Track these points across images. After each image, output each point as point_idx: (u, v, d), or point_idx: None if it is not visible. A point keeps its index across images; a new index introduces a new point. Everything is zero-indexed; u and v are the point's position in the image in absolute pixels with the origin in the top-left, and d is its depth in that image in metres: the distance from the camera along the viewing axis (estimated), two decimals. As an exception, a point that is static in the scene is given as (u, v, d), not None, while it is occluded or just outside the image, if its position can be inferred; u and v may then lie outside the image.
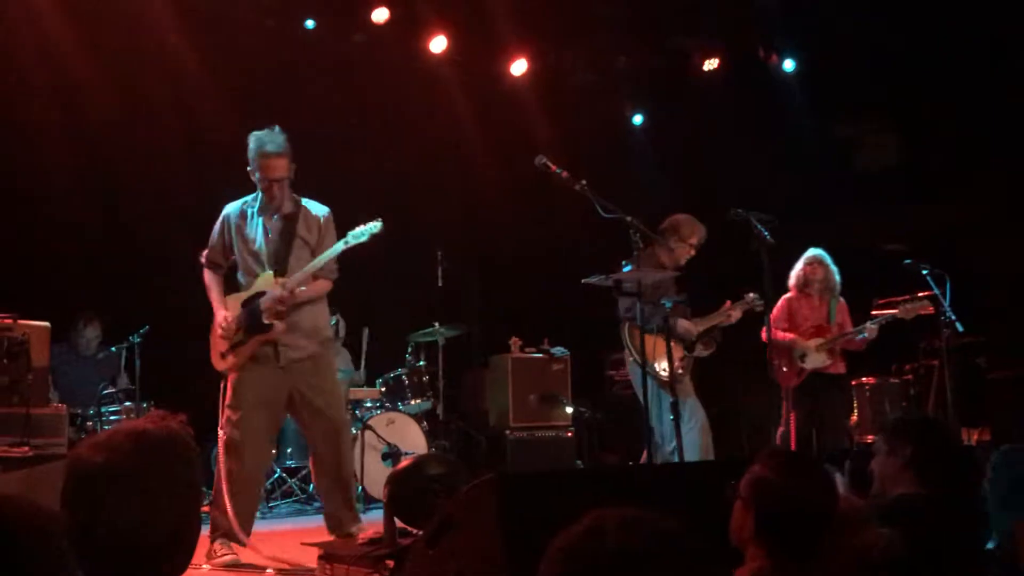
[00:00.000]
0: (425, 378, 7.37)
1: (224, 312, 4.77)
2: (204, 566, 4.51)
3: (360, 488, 6.66)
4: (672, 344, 5.71)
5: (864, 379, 7.65)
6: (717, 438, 6.04)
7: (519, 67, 8.82)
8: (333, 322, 7.42)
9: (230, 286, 4.96)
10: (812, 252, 6.50)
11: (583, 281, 5.02)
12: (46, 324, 5.74)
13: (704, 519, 2.45)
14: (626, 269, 5.14)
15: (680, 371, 5.75)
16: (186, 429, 1.68)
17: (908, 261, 6.42)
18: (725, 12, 8.55)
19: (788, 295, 6.53)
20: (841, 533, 2.11)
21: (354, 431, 7.03)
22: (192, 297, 7.36)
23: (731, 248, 5.94)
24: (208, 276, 4.89)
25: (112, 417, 6.23)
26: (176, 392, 6.26)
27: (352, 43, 8.28)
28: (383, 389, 7.34)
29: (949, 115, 8.26)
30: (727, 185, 8.39)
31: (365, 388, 7.49)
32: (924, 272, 6.36)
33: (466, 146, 8.87)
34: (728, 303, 6.02)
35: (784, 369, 6.35)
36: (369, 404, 7.26)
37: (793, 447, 6.13)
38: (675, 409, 5.02)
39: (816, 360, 6.29)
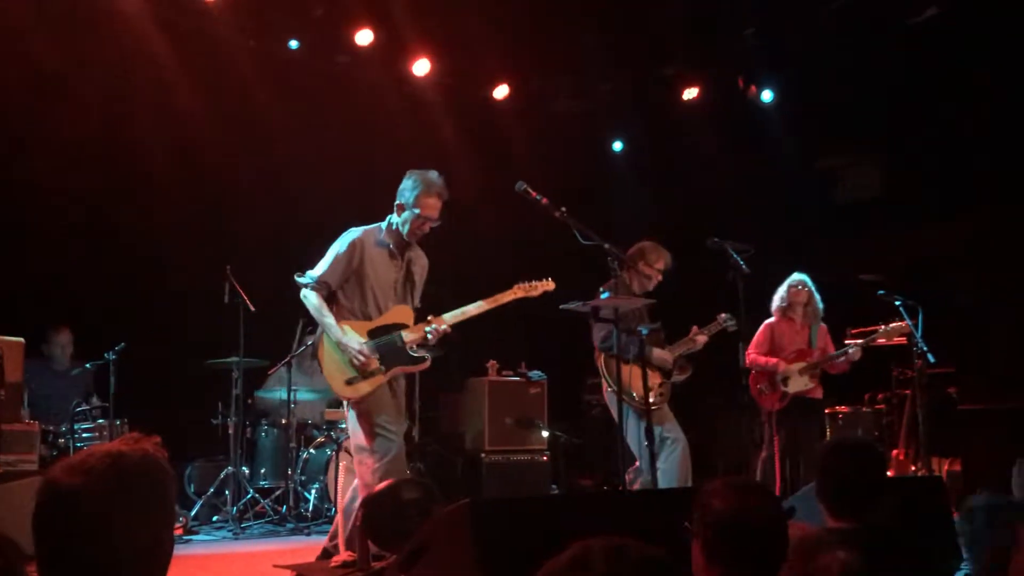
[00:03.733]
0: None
1: (358, 341, 4.76)
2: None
3: (334, 510, 6.63)
4: (650, 372, 5.76)
5: (838, 408, 7.73)
6: (693, 465, 6.06)
7: (501, 92, 8.88)
8: (310, 343, 7.42)
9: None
10: (797, 276, 6.56)
11: (561, 307, 5.05)
12: (20, 340, 5.69)
13: (675, 547, 2.47)
14: (604, 296, 5.17)
15: (660, 397, 5.79)
16: (160, 452, 1.68)
17: (882, 292, 6.51)
18: (705, 43, 8.66)
19: (770, 320, 6.58)
20: (798, 559, 2.12)
21: (328, 452, 7.02)
22: (169, 315, 7.39)
23: (707, 276, 6.01)
24: (317, 298, 4.82)
25: (85, 435, 6.18)
26: (151, 411, 6.24)
27: (336, 64, 8.31)
28: (359, 410, 7.30)
29: (925, 148, 8.39)
30: (705, 214, 8.48)
31: (341, 408, 7.46)
32: (897, 303, 6.46)
33: (447, 169, 8.89)
34: (695, 328, 6.08)
35: (766, 393, 6.39)
36: (344, 425, 7.22)
37: (778, 471, 6.18)
38: (649, 436, 5.04)
39: (799, 384, 6.34)
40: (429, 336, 4.86)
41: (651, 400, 5.65)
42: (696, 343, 6.02)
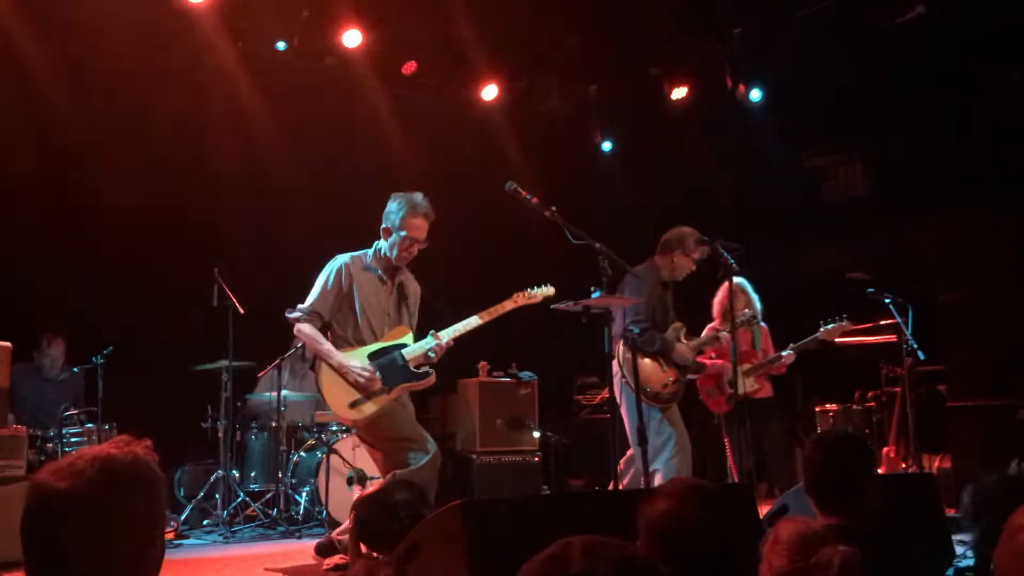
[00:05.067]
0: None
1: (363, 365, 4.77)
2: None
3: (325, 513, 6.61)
4: (665, 367, 5.75)
5: (828, 405, 7.74)
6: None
7: (490, 93, 8.88)
8: (300, 345, 7.40)
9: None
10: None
11: (552, 307, 5.04)
12: (7, 344, 5.65)
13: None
14: (595, 295, 5.16)
15: (672, 396, 5.77)
16: (151, 455, 1.66)
17: (871, 290, 6.53)
18: (693, 42, 8.67)
19: (712, 324, 6.54)
20: (798, 553, 2.12)
21: (319, 455, 7.00)
22: (157, 318, 7.36)
23: (696, 274, 6.01)
24: (311, 328, 4.83)
25: (74, 439, 6.14)
26: (140, 414, 6.19)
27: (324, 65, 8.29)
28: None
29: (913, 146, 8.42)
30: (694, 212, 8.48)
31: (331, 412, 7.44)
32: (887, 300, 6.48)
33: (435, 169, 8.91)
34: (716, 323, 6.05)
35: (713, 396, 6.43)
36: (335, 428, 7.21)
37: (733, 472, 6.16)
38: (642, 435, 5.03)
39: (744, 385, 6.36)
40: (432, 355, 4.88)
41: (663, 395, 5.65)
42: (720, 340, 6.00)
